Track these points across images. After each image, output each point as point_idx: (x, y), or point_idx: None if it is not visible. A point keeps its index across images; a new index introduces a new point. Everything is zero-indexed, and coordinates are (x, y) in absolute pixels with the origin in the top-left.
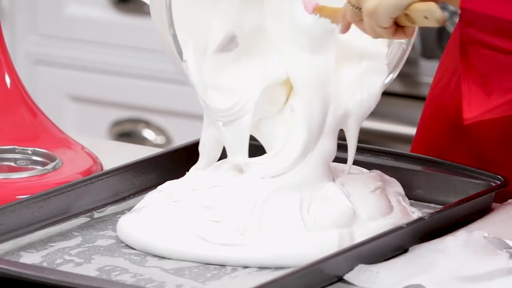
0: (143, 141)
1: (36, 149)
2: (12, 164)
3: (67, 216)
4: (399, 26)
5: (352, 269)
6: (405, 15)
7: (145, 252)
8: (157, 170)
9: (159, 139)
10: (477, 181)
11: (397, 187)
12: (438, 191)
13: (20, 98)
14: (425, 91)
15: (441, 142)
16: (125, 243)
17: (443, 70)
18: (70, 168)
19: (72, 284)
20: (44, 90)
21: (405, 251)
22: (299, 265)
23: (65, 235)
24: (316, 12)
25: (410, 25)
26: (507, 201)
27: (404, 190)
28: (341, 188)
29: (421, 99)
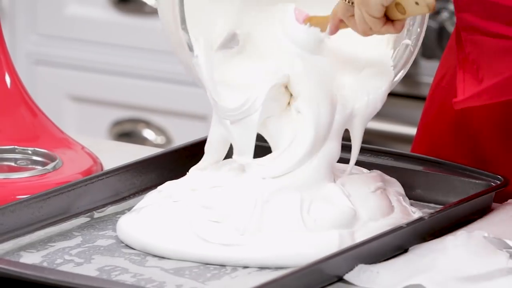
0: (143, 141)
1: (36, 149)
2: (12, 164)
3: (67, 216)
4: (389, 20)
5: (352, 269)
6: (396, 5)
7: (145, 252)
8: (157, 170)
9: (159, 139)
10: (477, 181)
11: (398, 187)
12: (438, 191)
13: (20, 98)
14: (425, 91)
15: (441, 142)
16: (125, 243)
17: (443, 70)
18: (70, 168)
19: (72, 284)
20: (44, 90)
21: (405, 251)
22: (299, 265)
23: (65, 235)
24: (306, 22)
25: (401, 17)
26: (507, 201)
27: (405, 190)
28: (341, 188)
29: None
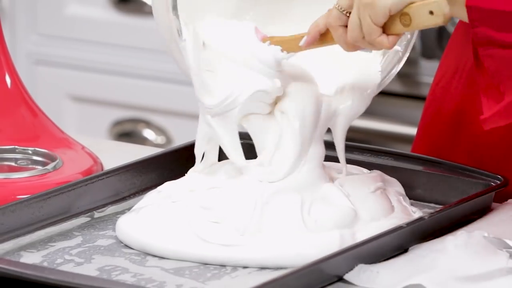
0: (143, 141)
1: (36, 149)
2: (13, 164)
3: (67, 216)
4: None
5: (352, 269)
6: (401, 16)
7: (144, 252)
8: (157, 170)
9: (160, 139)
10: (477, 181)
11: (398, 187)
12: (438, 191)
13: (21, 98)
14: (425, 91)
15: (441, 142)
16: (124, 243)
17: (443, 70)
18: (70, 168)
19: (72, 284)
20: (45, 90)
21: (405, 251)
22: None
23: (66, 235)
24: (265, 40)
25: (400, 30)
26: (507, 201)
27: (405, 190)
28: (340, 189)
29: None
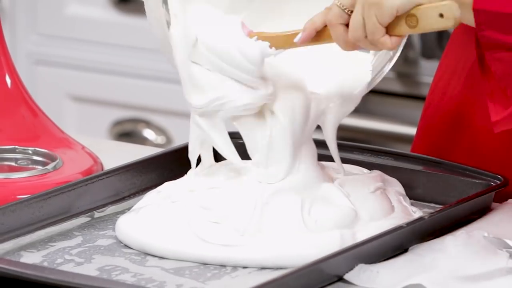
0: (143, 141)
1: (36, 149)
2: (13, 164)
3: (67, 216)
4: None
5: (352, 269)
6: (408, 17)
7: (143, 252)
8: (157, 170)
9: (160, 139)
10: (477, 181)
11: (398, 187)
12: (438, 191)
13: (21, 98)
14: (425, 91)
15: (441, 142)
16: (124, 243)
17: (443, 70)
18: (70, 168)
19: (72, 284)
20: (45, 90)
21: (405, 250)
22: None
23: (66, 234)
24: (252, 36)
25: (405, 31)
26: (507, 201)
27: (405, 190)
28: (340, 189)
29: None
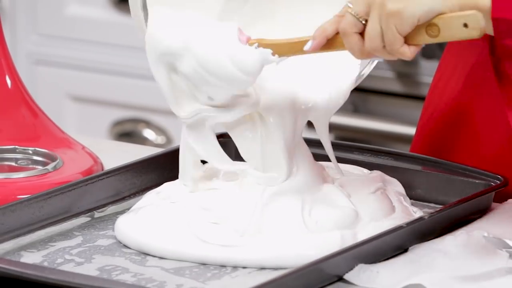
0: (143, 141)
1: (36, 149)
2: (13, 164)
3: (67, 216)
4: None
5: (352, 269)
6: (428, 26)
7: (143, 252)
8: (157, 170)
9: (160, 139)
10: (477, 181)
11: (398, 187)
12: (438, 191)
13: (21, 98)
14: (425, 91)
15: (441, 142)
16: (123, 243)
17: (443, 70)
18: (70, 168)
19: (72, 284)
20: (45, 90)
21: (405, 250)
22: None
23: (66, 234)
24: (251, 43)
25: (426, 40)
26: (507, 201)
27: (405, 190)
28: (341, 190)
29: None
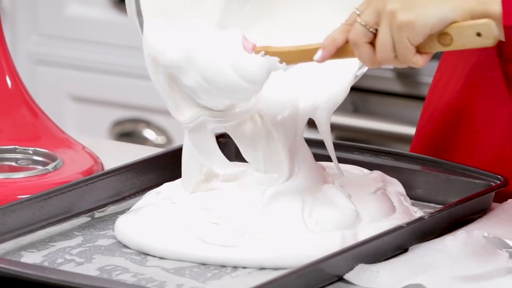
0: (143, 141)
1: (37, 149)
2: (13, 164)
3: (68, 216)
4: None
5: (352, 269)
6: (441, 35)
7: (142, 253)
8: (157, 170)
9: (160, 139)
10: (477, 181)
11: (399, 187)
12: (438, 191)
13: (21, 98)
14: (425, 91)
15: (441, 142)
16: (123, 243)
17: (442, 70)
18: (71, 168)
19: (73, 284)
20: (45, 90)
21: (405, 250)
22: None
23: (66, 234)
24: (257, 52)
25: (438, 49)
26: (507, 201)
27: (404, 190)
28: (341, 190)
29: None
